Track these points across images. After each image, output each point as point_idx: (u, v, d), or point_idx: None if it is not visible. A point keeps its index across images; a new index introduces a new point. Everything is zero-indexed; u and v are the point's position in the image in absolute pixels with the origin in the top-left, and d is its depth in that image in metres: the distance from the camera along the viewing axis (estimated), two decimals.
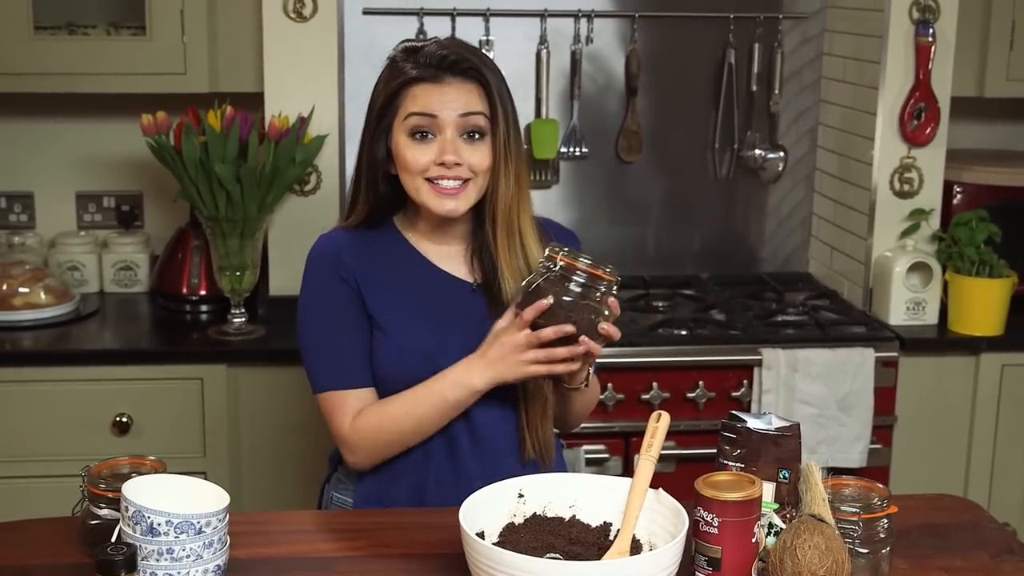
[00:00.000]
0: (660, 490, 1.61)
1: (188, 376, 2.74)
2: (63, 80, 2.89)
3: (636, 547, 1.57)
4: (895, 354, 2.84)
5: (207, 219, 2.80)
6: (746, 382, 2.78)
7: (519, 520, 1.63)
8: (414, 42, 1.94)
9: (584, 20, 3.20)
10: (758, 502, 1.54)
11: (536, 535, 1.59)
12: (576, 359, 1.82)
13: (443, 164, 1.87)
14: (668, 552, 1.47)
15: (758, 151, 3.33)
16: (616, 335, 1.79)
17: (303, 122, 2.85)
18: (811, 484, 1.58)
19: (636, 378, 2.76)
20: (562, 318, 1.75)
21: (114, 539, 1.56)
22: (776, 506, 1.62)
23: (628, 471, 2.71)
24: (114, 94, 3.01)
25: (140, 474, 1.66)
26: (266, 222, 2.88)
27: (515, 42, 3.19)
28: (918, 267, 2.95)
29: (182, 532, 1.52)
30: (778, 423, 1.65)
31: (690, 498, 1.56)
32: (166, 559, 1.52)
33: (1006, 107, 3.37)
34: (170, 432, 2.74)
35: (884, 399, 2.82)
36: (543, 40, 3.19)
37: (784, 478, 1.63)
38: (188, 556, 1.53)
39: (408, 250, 1.97)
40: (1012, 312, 2.94)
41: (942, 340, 2.93)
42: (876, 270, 3.02)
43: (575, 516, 1.65)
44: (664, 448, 1.73)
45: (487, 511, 1.61)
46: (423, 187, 1.89)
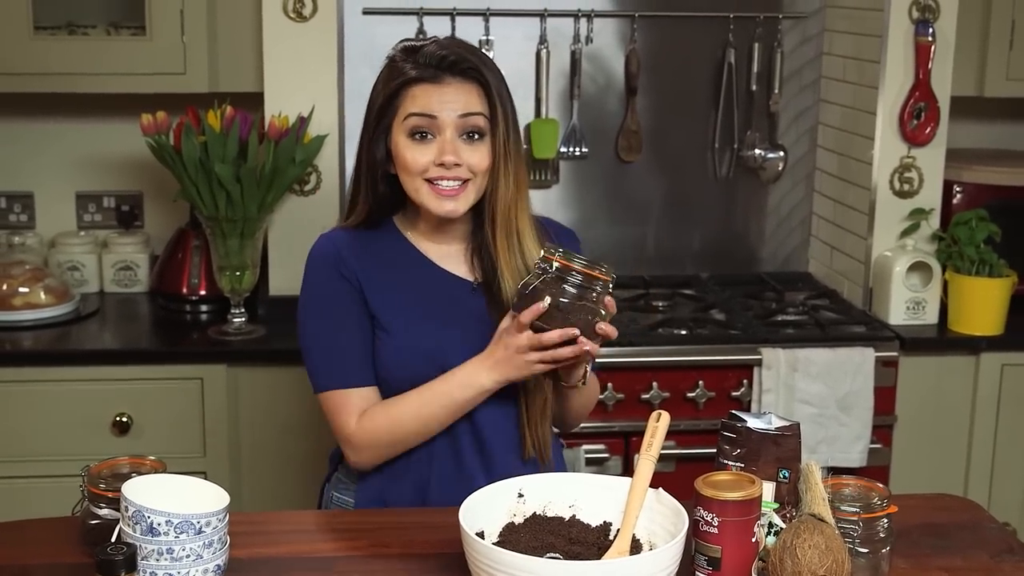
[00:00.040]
0: (660, 490, 1.61)
1: (188, 376, 2.74)
2: (63, 80, 2.89)
3: (636, 547, 1.57)
4: (895, 354, 2.84)
5: (207, 219, 2.80)
6: (746, 382, 2.78)
7: (519, 520, 1.63)
8: (413, 42, 1.94)
9: (584, 20, 3.20)
10: (758, 502, 1.54)
11: (536, 535, 1.59)
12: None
13: (442, 165, 1.86)
14: (668, 552, 1.47)
15: (758, 151, 3.32)
16: (613, 334, 1.79)
17: (303, 122, 2.85)
18: (811, 484, 1.58)
19: (636, 378, 2.76)
20: (559, 320, 1.75)
21: (114, 539, 1.56)
22: (776, 506, 1.62)
23: (628, 471, 2.71)
24: (114, 94, 3.01)
25: (140, 474, 1.66)
26: (266, 222, 2.88)
27: (515, 42, 3.19)
28: (918, 267, 2.95)
29: (182, 532, 1.52)
30: (778, 423, 1.65)
31: (690, 498, 1.56)
32: (166, 559, 1.52)
33: (1006, 107, 3.37)
34: (170, 432, 2.74)
35: (884, 399, 2.82)
36: (543, 40, 3.19)
37: (784, 478, 1.63)
38: (188, 556, 1.53)
39: (409, 249, 1.97)
40: (1012, 312, 2.94)
41: (942, 340, 2.93)
42: (876, 270, 3.02)
43: (575, 516, 1.65)
44: (664, 448, 1.72)
45: (487, 511, 1.61)
46: (423, 188, 1.89)
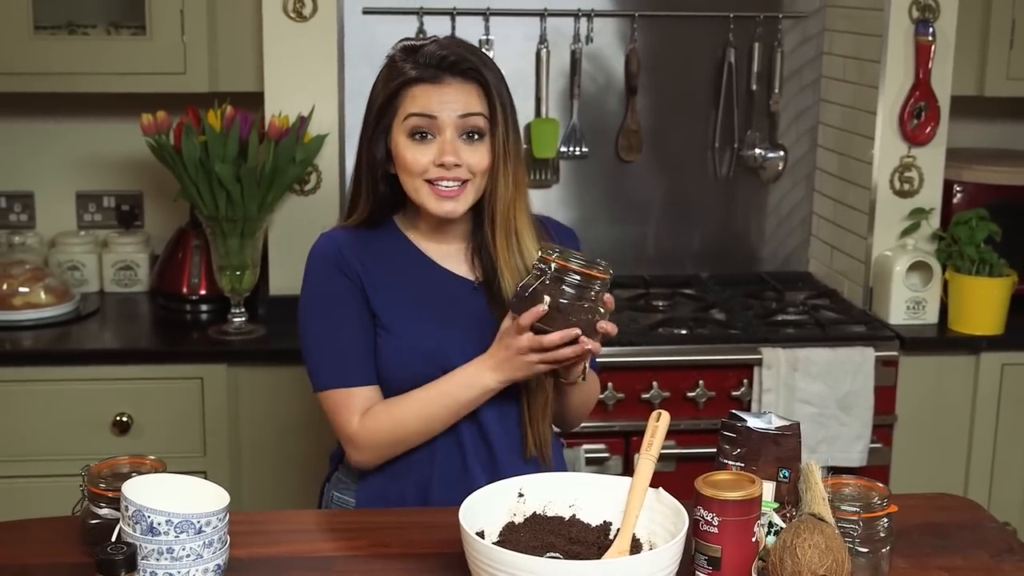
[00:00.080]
0: (660, 489, 1.61)
1: (188, 376, 2.74)
2: (63, 80, 2.89)
3: (636, 546, 1.57)
4: (895, 353, 2.84)
5: (207, 219, 2.80)
6: (746, 381, 2.78)
7: (519, 519, 1.63)
8: (413, 41, 1.94)
9: (584, 19, 3.20)
10: (758, 501, 1.54)
11: (536, 534, 1.59)
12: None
13: (442, 165, 1.86)
14: (668, 551, 1.47)
15: (758, 150, 3.32)
16: (613, 331, 1.78)
17: (303, 122, 2.84)
18: (811, 483, 1.58)
19: (636, 377, 2.76)
20: (559, 320, 1.74)
21: (114, 539, 1.56)
22: (776, 505, 1.62)
23: (628, 470, 2.70)
24: (114, 94, 3.01)
25: (140, 474, 1.66)
26: (266, 222, 2.88)
27: (515, 42, 3.19)
28: (918, 266, 2.95)
29: (182, 531, 1.52)
30: (778, 422, 1.65)
31: (690, 497, 1.56)
32: (166, 558, 1.52)
33: (1006, 106, 3.36)
34: (170, 432, 2.74)
35: (884, 398, 2.82)
36: (543, 39, 3.19)
37: (784, 477, 1.62)
38: (188, 555, 1.53)
39: (409, 249, 1.97)
40: (1012, 311, 2.94)
41: (942, 339, 2.93)
42: (876, 269, 3.02)
43: (575, 515, 1.65)
44: (664, 447, 1.72)
45: (487, 510, 1.60)
46: (422, 188, 1.89)
